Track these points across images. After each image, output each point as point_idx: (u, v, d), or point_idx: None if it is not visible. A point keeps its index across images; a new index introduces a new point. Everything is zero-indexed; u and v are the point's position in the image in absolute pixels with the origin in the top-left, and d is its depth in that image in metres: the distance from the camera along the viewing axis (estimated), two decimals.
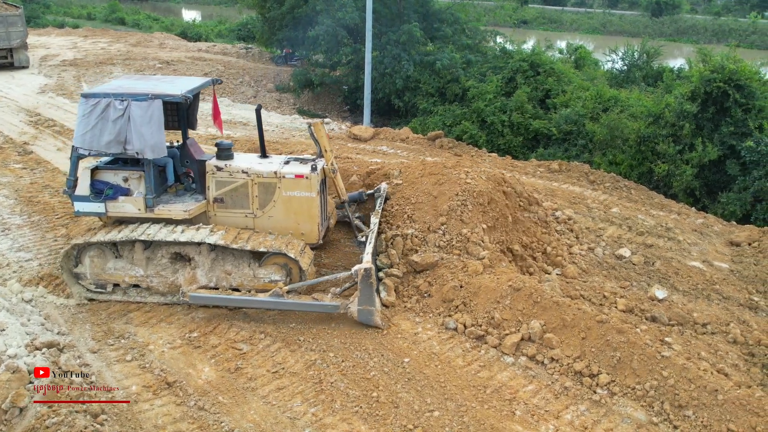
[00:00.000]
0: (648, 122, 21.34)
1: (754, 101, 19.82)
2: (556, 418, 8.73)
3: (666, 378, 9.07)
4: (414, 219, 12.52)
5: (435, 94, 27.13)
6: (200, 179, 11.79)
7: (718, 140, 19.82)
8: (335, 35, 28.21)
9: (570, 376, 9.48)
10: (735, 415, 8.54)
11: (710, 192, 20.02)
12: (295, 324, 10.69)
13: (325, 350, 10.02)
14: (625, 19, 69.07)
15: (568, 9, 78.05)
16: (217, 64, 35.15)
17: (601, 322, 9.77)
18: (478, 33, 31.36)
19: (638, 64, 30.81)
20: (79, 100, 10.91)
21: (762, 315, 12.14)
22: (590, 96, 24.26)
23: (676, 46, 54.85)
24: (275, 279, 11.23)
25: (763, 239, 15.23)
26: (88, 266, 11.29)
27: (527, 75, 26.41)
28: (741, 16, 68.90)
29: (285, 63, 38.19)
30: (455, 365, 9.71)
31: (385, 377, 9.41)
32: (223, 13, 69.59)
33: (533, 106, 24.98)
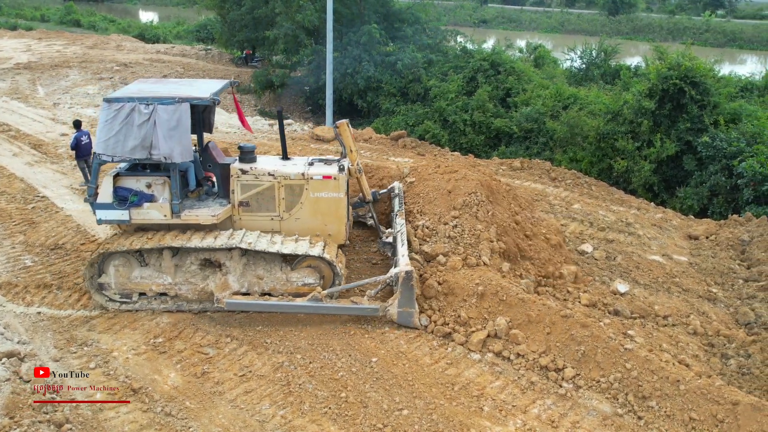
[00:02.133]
0: (607, 119, 21.69)
1: (709, 98, 20.26)
2: (524, 413, 8.82)
3: (629, 370, 9.23)
4: (425, 212, 12.66)
5: (397, 94, 27.20)
6: (223, 183, 11.54)
7: (675, 136, 20.22)
8: (295, 37, 28.09)
9: (536, 370, 9.59)
10: (696, 404, 8.73)
11: (668, 187, 20.42)
12: (261, 326, 10.63)
13: (293, 352, 9.98)
14: (583, 18, 70.00)
15: (527, 8, 78.88)
16: (177, 65, 34.78)
17: (566, 317, 9.89)
18: (439, 33, 31.50)
19: (596, 63, 31.26)
20: (101, 105, 10.56)
21: (720, 306, 12.41)
22: (550, 94, 24.56)
23: (632, 44, 55.71)
24: (309, 282, 11.14)
25: (719, 232, 15.59)
26: (113, 275, 11.02)
27: (488, 74, 26.61)
28: (695, 14, 70.33)
29: (245, 64, 37.95)
30: (423, 363, 9.75)
31: (353, 377, 9.41)
32: (182, 15, 68.81)
33: (494, 104, 25.18)
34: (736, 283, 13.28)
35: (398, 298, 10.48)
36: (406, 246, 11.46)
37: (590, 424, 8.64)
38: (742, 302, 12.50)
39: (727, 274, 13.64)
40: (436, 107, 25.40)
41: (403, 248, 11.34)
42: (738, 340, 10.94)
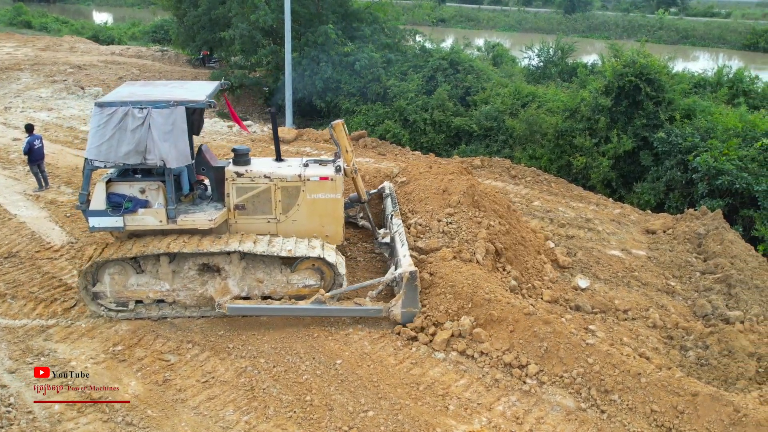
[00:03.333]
0: (565, 117, 21.93)
1: (664, 94, 20.61)
2: (489, 411, 8.86)
3: (591, 365, 9.33)
4: (416, 211, 12.78)
5: (357, 94, 27.13)
6: (218, 186, 11.35)
7: (631, 132, 20.54)
8: (251, 37, 27.82)
9: (500, 368, 9.64)
10: (657, 397, 8.87)
11: (626, 183, 20.73)
12: (223, 331, 10.50)
13: (256, 356, 9.88)
14: (540, 17, 70.76)
15: (485, 7, 79.41)
16: (132, 67, 34.22)
17: (529, 314, 9.96)
18: (398, 32, 31.49)
19: (553, 61, 31.57)
20: (93, 109, 10.22)
21: (678, 299, 12.63)
22: (509, 92, 24.75)
23: (588, 42, 56.52)
24: (309, 284, 11.08)
25: (676, 226, 15.86)
26: (108, 284, 10.79)
27: (447, 73, 26.71)
28: (648, 12, 71.66)
29: (202, 65, 37.51)
30: (387, 364, 9.74)
31: (318, 380, 9.35)
32: (137, 15, 67.68)
33: (454, 103, 25.28)
34: (693, 276, 13.53)
35: (402, 298, 10.48)
36: (406, 246, 11.48)
37: (554, 420, 8.72)
38: (699, 294, 12.73)
39: (685, 267, 13.88)
40: (396, 107, 25.40)
41: (404, 248, 11.36)
42: (696, 332, 11.14)
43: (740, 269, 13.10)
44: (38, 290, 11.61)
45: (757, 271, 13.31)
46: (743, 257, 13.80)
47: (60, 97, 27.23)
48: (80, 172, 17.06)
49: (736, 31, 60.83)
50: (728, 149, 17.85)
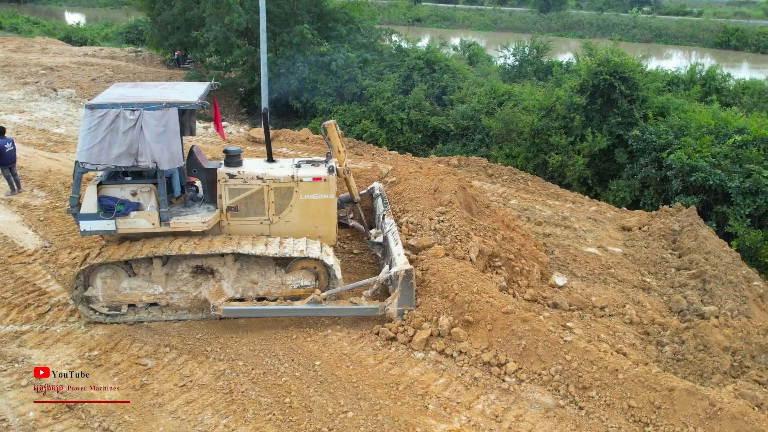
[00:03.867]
0: (540, 115, 22.06)
1: (637, 92, 20.80)
2: (468, 409, 8.87)
3: (569, 361, 9.38)
4: (407, 210, 12.84)
5: (333, 94, 27.09)
6: (210, 188, 11.22)
7: (606, 130, 20.71)
8: (226, 38, 27.66)
9: (479, 366, 9.66)
10: (635, 392, 8.93)
11: (602, 180, 20.90)
12: (201, 335, 10.41)
13: (234, 359, 9.81)
14: (515, 16, 71.17)
15: (460, 6, 79.68)
16: (106, 68, 33.86)
17: (507, 312, 9.99)
18: (373, 32, 31.50)
19: (529, 59, 31.77)
20: (83, 111, 10.06)
21: (654, 295, 12.74)
22: (485, 92, 24.86)
23: (563, 41, 56.94)
24: (304, 284, 11.02)
25: (651, 223, 16.01)
26: (101, 288, 10.63)
27: (423, 72, 26.78)
28: (622, 11, 72.35)
29: (177, 66, 37.24)
30: (367, 364, 9.71)
31: (297, 382, 9.30)
32: (110, 16, 67.02)
33: (430, 103, 25.35)
34: (668, 272, 13.66)
35: (398, 296, 10.50)
36: (400, 245, 11.48)
37: (533, 417, 8.75)
38: (674, 290, 12.86)
39: (660, 263, 14.02)
40: (372, 106, 25.40)
41: (398, 247, 11.37)
42: (672, 328, 11.25)
43: (714, 265, 13.25)
44: (11, 295, 11.44)
45: (730, 267, 13.47)
46: (717, 253, 13.96)
47: (32, 99, 26.86)
48: (53, 175, 16.88)
49: (708, 30, 61.63)
50: (701, 146, 18.06)
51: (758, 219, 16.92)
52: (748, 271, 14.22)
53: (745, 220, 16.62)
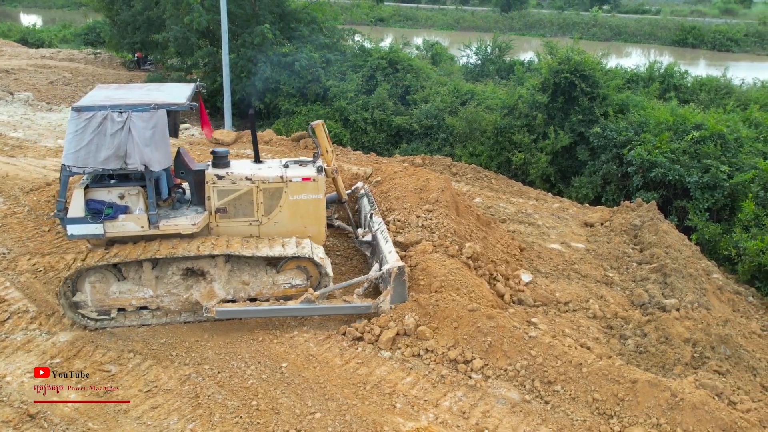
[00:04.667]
0: (503, 114, 22.24)
1: (598, 90, 21.09)
2: (436, 407, 8.90)
3: (535, 357, 9.47)
4: (394, 208, 12.94)
5: (296, 95, 26.97)
6: (197, 190, 11.08)
7: (568, 128, 20.96)
8: (186, 39, 27.36)
9: (445, 364, 9.70)
10: (599, 385, 9.05)
11: (564, 177, 21.15)
12: (166, 339, 10.28)
13: (200, 363, 9.71)
14: (477, 15, 71.64)
15: (423, 6, 79.93)
16: (64, 71, 33.23)
17: (472, 310, 10.06)
18: (336, 32, 31.43)
19: (491, 58, 32.01)
20: (70, 113, 9.83)
21: (617, 289, 12.93)
22: (448, 91, 24.96)
23: (525, 40, 57.47)
24: (296, 284, 10.99)
25: (613, 218, 16.25)
26: (89, 293, 10.44)
27: (386, 72, 26.78)
28: (582, 10, 73.28)
29: (138, 67, 36.75)
30: (334, 365, 9.69)
31: (263, 384, 9.25)
32: (67, 17, 65.73)
33: (394, 102, 25.38)
34: (630, 267, 13.87)
35: (390, 293, 10.54)
36: (390, 243, 11.52)
37: (500, 413, 8.81)
38: (636, 284, 13.06)
39: (622, 258, 14.23)
40: (336, 107, 25.35)
41: (388, 245, 11.41)
42: (634, 321, 11.43)
43: (675, 258, 13.49)
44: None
45: (690, 260, 13.74)
46: (677, 247, 14.22)
47: None
48: (10, 180, 16.52)
49: (666, 28, 62.74)
50: (661, 142, 18.38)
51: (716, 213, 17.28)
52: (708, 264, 14.54)
53: (703, 214, 16.95)
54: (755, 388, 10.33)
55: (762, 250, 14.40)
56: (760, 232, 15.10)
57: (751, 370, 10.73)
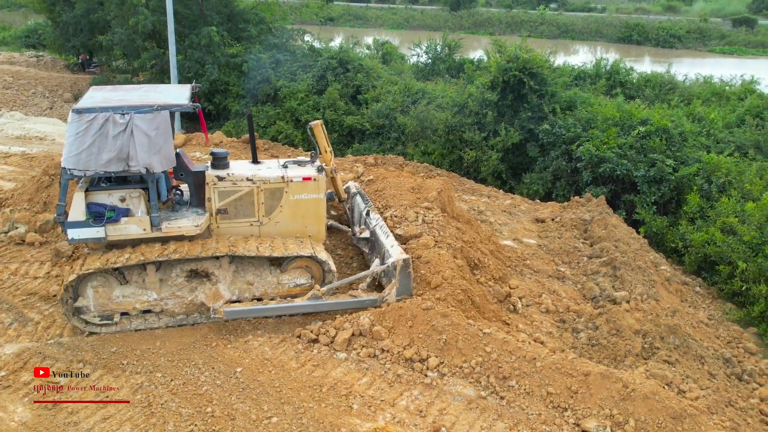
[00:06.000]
0: (454, 112, 22.39)
1: (546, 87, 21.39)
2: (392, 406, 8.89)
3: (489, 353, 9.53)
4: (390, 205, 13.08)
5: (246, 96, 26.73)
6: (197, 191, 10.92)
7: (518, 125, 21.20)
8: (132, 41, 26.85)
9: (401, 363, 9.69)
10: (552, 379, 9.16)
11: (515, 174, 21.39)
12: (116, 348, 10.04)
13: (152, 371, 9.50)
14: (427, 14, 71.97)
15: (373, 5, 79.97)
16: (5, 74, 32.33)
17: (426, 309, 10.08)
18: (285, 32, 31.24)
19: (441, 57, 32.19)
20: (70, 116, 9.55)
21: (569, 284, 13.11)
22: (399, 90, 25.03)
23: (474, 38, 57.96)
24: (300, 283, 10.96)
25: (564, 214, 16.48)
26: (92, 297, 10.21)
27: (337, 72, 26.73)
28: (530, 8, 74.23)
29: (82, 70, 35.94)
30: (289, 368, 9.60)
31: (218, 390, 9.11)
32: (6, 19, 63.68)
33: (345, 102, 25.35)
34: (581, 261, 14.08)
35: (396, 286, 10.54)
36: (392, 237, 11.55)
37: (456, 410, 8.84)
38: (587, 278, 13.26)
39: (573, 252, 14.43)
40: (287, 107, 25.21)
41: (389, 239, 11.42)
42: (586, 314, 11.60)
43: (624, 252, 13.74)
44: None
45: (639, 253, 14.01)
46: (626, 240, 14.49)
47: None
48: None
49: (612, 25, 63.96)
50: (608, 138, 18.71)
51: (663, 206, 17.67)
52: (656, 256, 14.86)
53: (651, 208, 17.31)
54: (703, 376, 10.59)
55: (707, 241, 14.77)
56: (705, 224, 15.49)
57: (699, 358, 11.00)
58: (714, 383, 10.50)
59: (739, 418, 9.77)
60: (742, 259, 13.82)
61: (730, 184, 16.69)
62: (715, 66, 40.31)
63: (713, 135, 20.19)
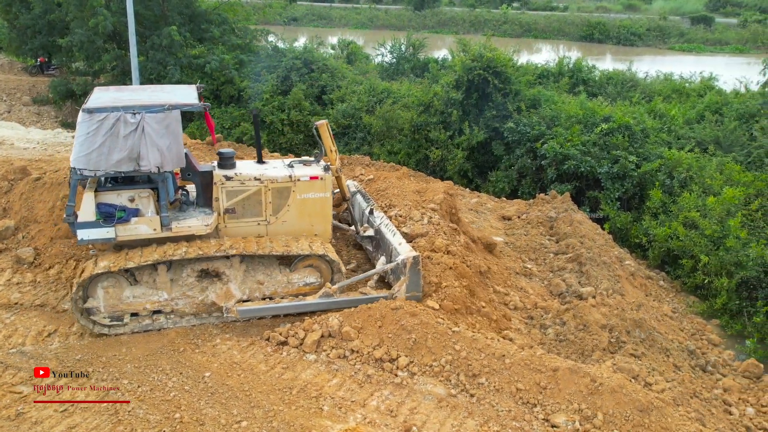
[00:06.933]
0: (419, 111, 22.44)
1: (510, 86, 21.54)
2: (363, 407, 8.86)
3: (459, 351, 9.55)
4: (395, 204, 13.11)
5: (210, 97, 26.47)
6: (204, 191, 10.82)
7: (483, 124, 21.31)
8: (92, 43, 26.40)
9: (371, 363, 9.66)
10: (521, 375, 9.21)
11: (481, 172, 21.51)
12: (81, 355, 9.84)
13: (119, 378, 9.33)
14: (391, 14, 72.03)
15: (336, 5, 79.76)
16: None
17: (395, 308, 10.07)
18: (249, 32, 31.00)
19: (406, 57, 32.24)
20: (80, 116, 9.39)
21: (536, 280, 13.22)
22: (364, 90, 25.02)
23: (439, 38, 58.15)
24: (310, 282, 10.95)
25: (530, 211, 16.61)
26: (102, 298, 10.06)
27: (301, 72, 26.62)
28: (493, 7, 74.76)
29: (41, 73, 35.25)
30: (258, 371, 9.52)
31: (186, 396, 8.98)
32: None
33: (310, 102, 25.26)
34: (547, 258, 14.21)
35: (406, 283, 10.59)
36: (399, 234, 11.58)
37: (427, 408, 8.84)
38: (554, 274, 13.38)
39: (539, 249, 14.55)
40: (251, 108, 25.03)
41: (396, 237, 11.46)
42: (553, 311, 11.71)
43: (589, 248, 13.89)
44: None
45: (604, 248, 14.19)
46: (591, 236, 14.66)
47: None
48: None
49: (574, 24, 64.68)
50: (572, 136, 18.91)
51: (626, 202, 17.92)
52: (620, 251, 15.06)
53: (614, 204, 17.54)
54: (668, 369, 10.76)
55: (670, 236, 15.01)
56: (668, 219, 15.74)
57: (664, 351, 11.17)
58: (679, 375, 10.68)
59: (704, 408, 9.95)
60: (704, 252, 14.07)
61: (692, 180, 16.97)
62: (674, 63, 40.99)
63: (674, 131, 20.52)
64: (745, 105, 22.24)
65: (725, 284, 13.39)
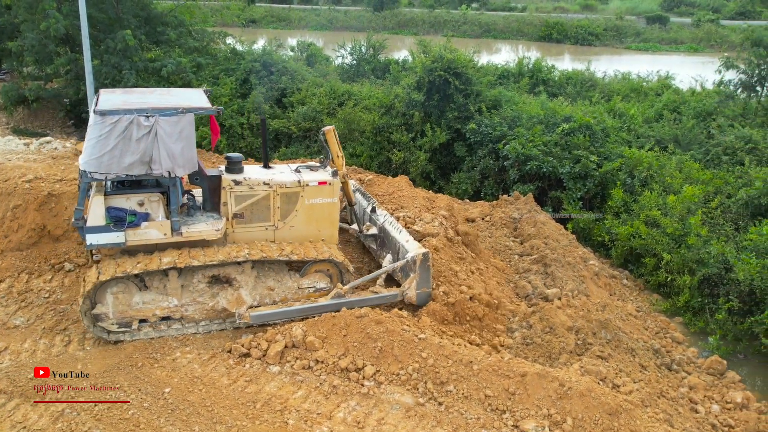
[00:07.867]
0: (381, 113, 22.31)
1: (471, 87, 21.50)
2: (329, 419, 8.67)
3: (426, 359, 9.42)
4: (403, 206, 13.40)
5: None
6: (212, 196, 10.68)
7: (445, 125, 21.26)
8: (43, 47, 25.67)
9: (337, 373, 9.49)
10: (490, 381, 9.12)
11: (444, 174, 21.43)
12: (33, 374, 9.46)
13: (74, 396, 8.99)
14: (350, 15, 71.76)
15: (295, 7, 79.18)
16: None
17: (360, 316, 9.90)
18: (206, 35, 30.43)
19: (366, 58, 32.01)
20: (92, 118, 9.13)
21: (502, 282, 13.13)
22: (324, 92, 24.77)
23: (399, 39, 58.11)
24: (320, 287, 10.93)
25: (493, 212, 16.57)
26: (111, 304, 9.85)
27: (261, 75, 26.26)
28: (452, 8, 74.95)
29: None
30: (221, 385, 9.26)
31: (145, 413, 8.69)
32: None
33: (270, 106, 24.92)
34: (512, 259, 14.16)
35: (416, 280, 10.64)
36: (405, 232, 11.67)
37: (394, 418, 8.69)
38: (519, 276, 13.33)
39: (504, 251, 14.50)
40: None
41: (402, 235, 11.55)
42: (520, 313, 11.63)
43: (553, 248, 13.89)
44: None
45: (568, 249, 14.19)
46: (555, 237, 14.66)
47: None
48: None
49: (532, 24, 65.15)
50: (533, 136, 18.93)
51: (588, 201, 17.98)
52: (584, 251, 15.08)
53: (577, 203, 17.59)
54: (635, 369, 10.76)
55: (632, 234, 15.09)
56: (630, 217, 15.82)
57: (630, 351, 11.18)
58: (646, 375, 10.69)
59: (671, 408, 9.97)
60: (666, 250, 14.17)
61: (652, 178, 17.10)
62: (631, 62, 41.45)
63: (634, 130, 20.67)
64: (701, 103, 22.54)
65: (687, 282, 13.50)
